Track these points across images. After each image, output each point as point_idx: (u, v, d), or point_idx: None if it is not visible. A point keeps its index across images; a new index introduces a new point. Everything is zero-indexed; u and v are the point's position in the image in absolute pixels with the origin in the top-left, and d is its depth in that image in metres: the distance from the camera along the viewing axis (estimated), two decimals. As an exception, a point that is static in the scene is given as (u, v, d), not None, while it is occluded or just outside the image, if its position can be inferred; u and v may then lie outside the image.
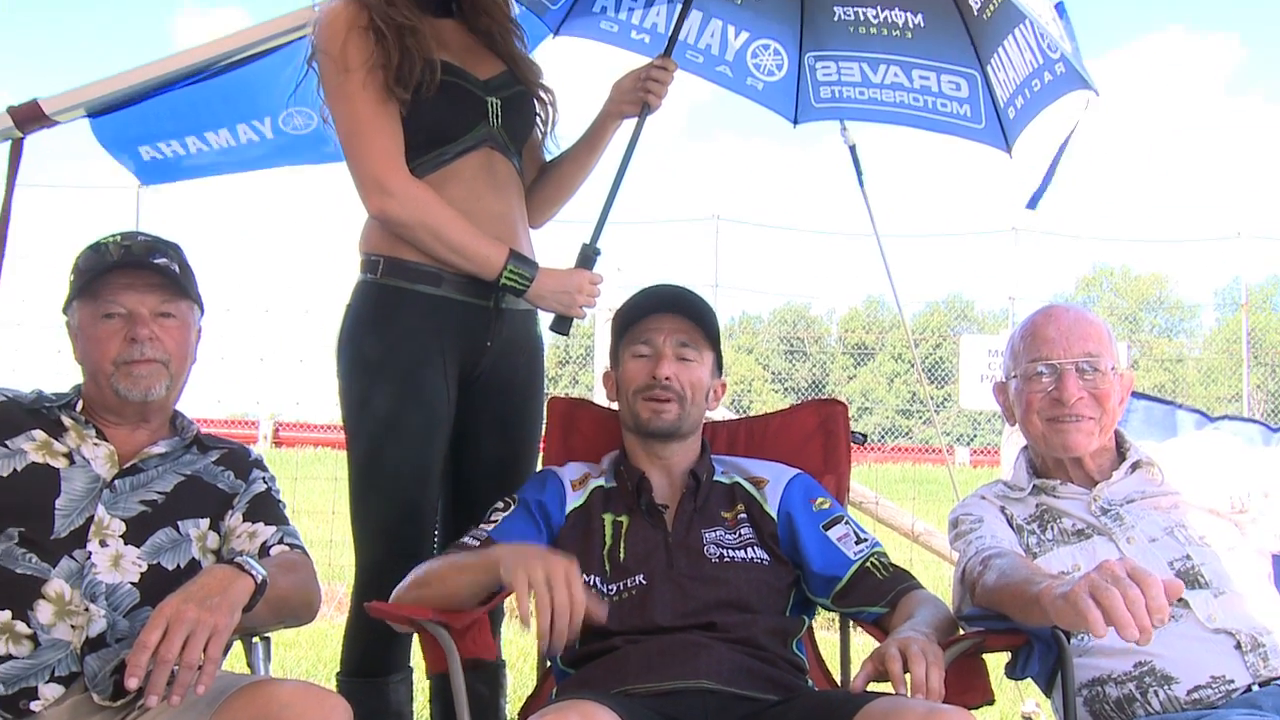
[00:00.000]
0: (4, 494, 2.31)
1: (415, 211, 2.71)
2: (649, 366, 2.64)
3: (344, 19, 2.72)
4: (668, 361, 2.63)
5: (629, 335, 2.70)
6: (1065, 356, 2.62)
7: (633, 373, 2.66)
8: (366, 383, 2.78)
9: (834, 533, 2.61)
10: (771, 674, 2.40)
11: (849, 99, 3.71)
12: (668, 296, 2.72)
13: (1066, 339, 2.64)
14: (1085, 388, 2.61)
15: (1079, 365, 2.62)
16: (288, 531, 2.49)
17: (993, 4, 3.23)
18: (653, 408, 2.62)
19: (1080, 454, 2.64)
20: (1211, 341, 32.60)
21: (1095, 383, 2.61)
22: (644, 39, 3.65)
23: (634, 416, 2.66)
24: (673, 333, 2.67)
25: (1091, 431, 2.62)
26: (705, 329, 2.70)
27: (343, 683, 2.81)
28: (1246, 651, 2.35)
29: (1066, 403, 2.61)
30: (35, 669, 2.20)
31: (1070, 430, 2.62)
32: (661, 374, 2.62)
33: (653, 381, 2.62)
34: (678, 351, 2.66)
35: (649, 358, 2.66)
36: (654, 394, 2.62)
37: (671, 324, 2.68)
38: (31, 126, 3.15)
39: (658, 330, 2.67)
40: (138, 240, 2.49)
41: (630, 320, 2.71)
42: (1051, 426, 2.64)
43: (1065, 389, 2.61)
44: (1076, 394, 2.60)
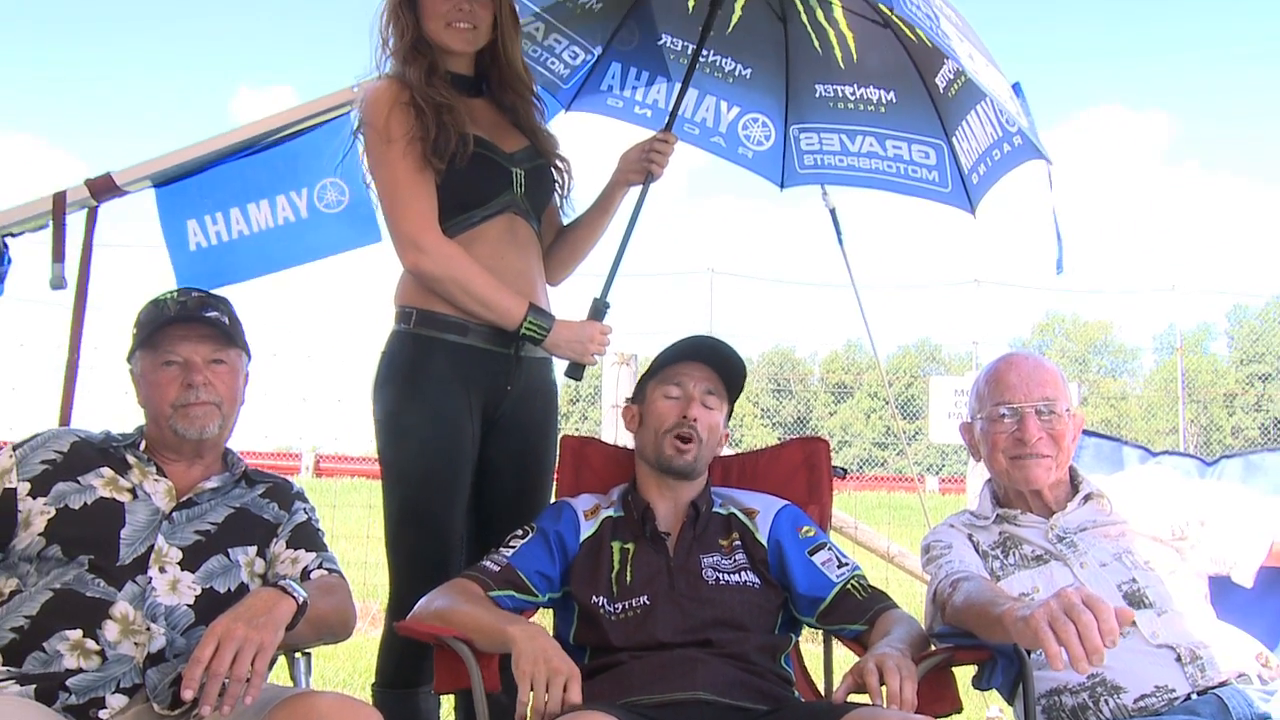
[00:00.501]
0: (76, 525, 2.32)
1: (445, 267, 2.73)
2: (679, 407, 2.66)
3: (388, 95, 2.76)
4: (696, 404, 2.66)
5: (661, 375, 2.72)
6: (1025, 401, 2.64)
7: (663, 411, 2.68)
8: (400, 423, 2.79)
9: (818, 558, 2.62)
10: (762, 686, 2.40)
11: (829, 166, 3.71)
12: (704, 348, 2.74)
13: (1026, 385, 2.65)
14: (1043, 428, 2.63)
15: (1038, 408, 2.63)
16: (326, 557, 2.50)
17: (957, 83, 3.26)
18: (678, 446, 2.64)
19: (1040, 487, 2.65)
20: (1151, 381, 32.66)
21: (1052, 424, 2.63)
22: (646, 113, 3.68)
23: (658, 452, 2.67)
24: (702, 380, 2.70)
25: (1050, 467, 2.64)
26: (729, 383, 2.74)
27: (377, 693, 2.80)
28: (1186, 664, 2.36)
29: (1028, 442, 2.62)
30: (103, 681, 2.20)
31: (1031, 466, 2.63)
32: (690, 415, 2.64)
33: (682, 421, 2.64)
34: (704, 398, 2.68)
35: (679, 400, 2.68)
36: (681, 433, 2.64)
37: (702, 372, 2.71)
38: (105, 196, 3.16)
39: (689, 376, 2.70)
40: (192, 296, 2.54)
41: (665, 362, 2.74)
42: (1014, 463, 2.65)
43: (1026, 430, 2.63)
44: (1036, 434, 2.62)
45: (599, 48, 3.60)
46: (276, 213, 3.38)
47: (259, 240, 3.37)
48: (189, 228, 3.32)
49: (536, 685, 2.14)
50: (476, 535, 2.87)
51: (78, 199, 3.15)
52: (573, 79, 3.63)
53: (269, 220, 3.37)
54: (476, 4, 2.83)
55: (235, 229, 3.35)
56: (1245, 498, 2.71)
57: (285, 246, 3.40)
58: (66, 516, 2.33)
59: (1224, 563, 2.61)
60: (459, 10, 2.81)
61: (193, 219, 3.32)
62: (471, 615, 2.38)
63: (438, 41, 2.84)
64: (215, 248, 3.34)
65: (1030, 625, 1.99)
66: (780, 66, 3.60)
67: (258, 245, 3.37)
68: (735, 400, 2.79)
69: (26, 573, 2.30)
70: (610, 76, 3.66)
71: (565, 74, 3.61)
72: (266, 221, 3.37)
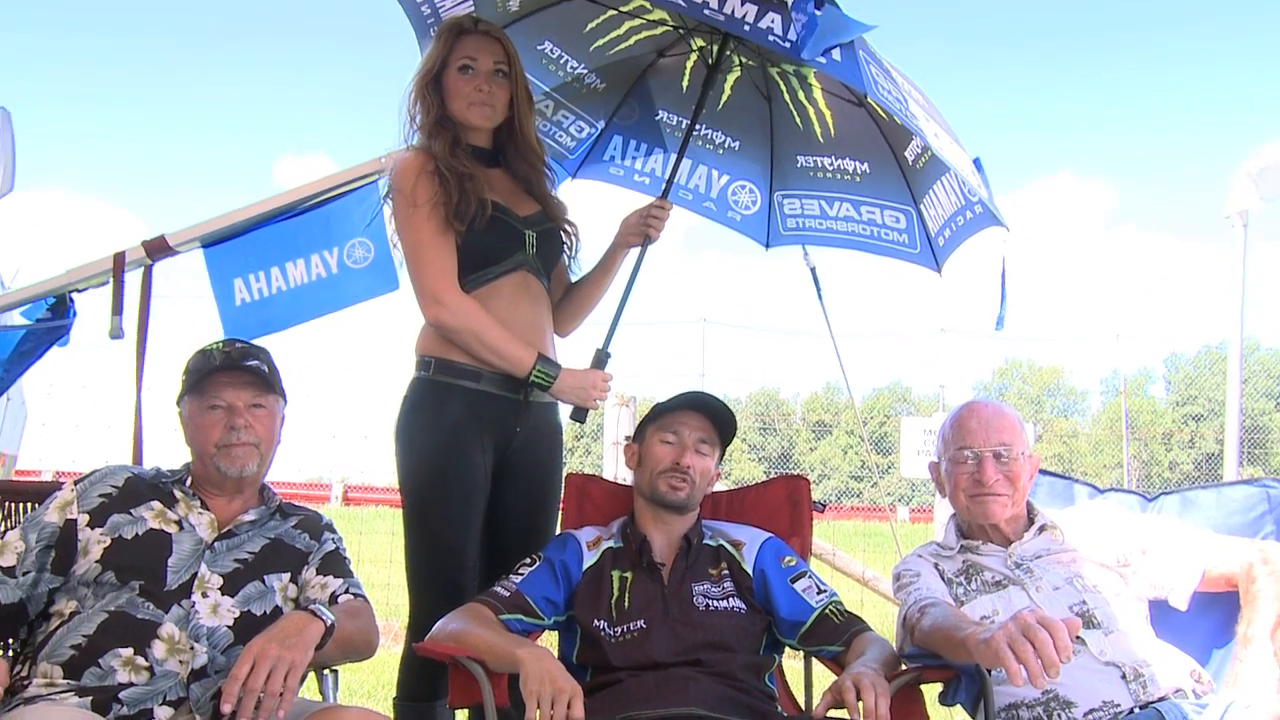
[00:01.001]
0: (128, 554, 2.33)
1: (463, 320, 2.74)
2: (674, 453, 2.68)
3: (416, 165, 2.79)
4: (689, 453, 2.68)
5: (660, 422, 2.74)
6: (984, 445, 2.66)
7: (660, 454, 2.70)
8: (419, 461, 2.79)
9: (799, 585, 2.63)
10: (748, 702, 2.40)
11: (810, 228, 3.72)
12: (700, 402, 2.76)
13: (985, 430, 2.67)
14: (1000, 470, 2.64)
15: (996, 452, 2.65)
16: (352, 583, 2.49)
17: (924, 157, 3.30)
18: (671, 484, 2.66)
19: (996, 522, 2.66)
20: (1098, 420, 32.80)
21: (1009, 466, 2.65)
22: (644, 180, 3.71)
23: (653, 489, 2.69)
24: (696, 429, 2.71)
25: (1005, 504, 2.65)
26: (721, 433, 2.76)
27: (398, 705, 2.79)
28: (1130, 681, 2.36)
29: (985, 483, 2.64)
30: (152, 694, 2.21)
31: (989, 503, 2.65)
32: (684, 463, 2.66)
33: (675, 467, 2.66)
34: (697, 446, 2.70)
35: (674, 445, 2.69)
36: (673, 476, 2.66)
37: (696, 422, 2.72)
38: (159, 255, 3.20)
39: (685, 425, 2.72)
40: (235, 347, 2.54)
41: (664, 410, 2.75)
42: (973, 500, 2.67)
43: (984, 472, 2.64)
44: (994, 476, 2.64)
45: (602, 122, 3.65)
46: (311, 269, 3.42)
47: (295, 294, 3.41)
48: (235, 285, 3.36)
49: (543, 703, 2.15)
50: (489, 562, 2.85)
51: (135, 258, 3.19)
52: (578, 150, 3.66)
53: (304, 276, 3.41)
54: (495, 86, 2.86)
55: (275, 285, 3.38)
56: (1181, 530, 2.71)
57: (318, 298, 3.45)
58: (120, 545, 2.34)
59: (1162, 588, 2.61)
60: (479, 92, 2.84)
61: (239, 277, 3.36)
62: (484, 638, 2.39)
63: (460, 119, 2.87)
64: (258, 302, 3.38)
65: (991, 647, 2.01)
66: (765, 139, 3.63)
67: (294, 298, 3.41)
68: (727, 446, 2.80)
69: (84, 596, 2.30)
70: (612, 148, 3.70)
71: (572, 146, 3.64)
72: (302, 277, 3.41)
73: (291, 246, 3.38)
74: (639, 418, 2.91)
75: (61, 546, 2.35)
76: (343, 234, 3.41)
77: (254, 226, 3.32)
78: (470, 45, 2.86)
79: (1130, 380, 31.54)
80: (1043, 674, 1.94)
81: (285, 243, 3.37)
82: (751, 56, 3.40)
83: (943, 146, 2.74)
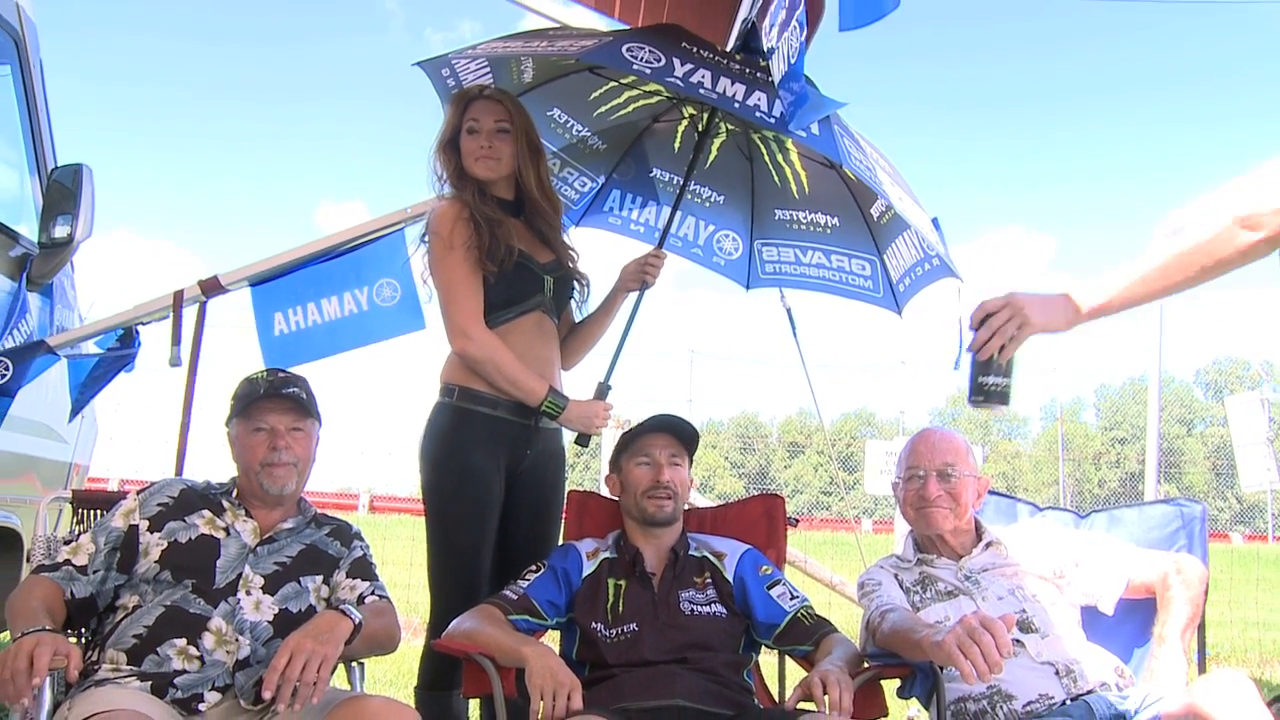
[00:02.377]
0: (182, 556, 2.36)
1: (487, 352, 2.76)
2: (652, 473, 2.67)
3: (453, 212, 2.81)
4: (666, 469, 2.67)
5: (632, 449, 2.73)
6: (930, 465, 2.69)
7: (639, 477, 2.68)
8: (442, 477, 2.80)
9: (774, 591, 2.64)
10: (728, 695, 2.41)
11: (786, 273, 3.74)
12: (662, 423, 2.76)
13: (931, 453, 2.71)
14: (943, 487, 2.67)
15: (940, 471, 2.68)
16: (378, 586, 2.50)
17: (888, 214, 3.33)
18: (657, 504, 2.65)
19: (940, 531, 2.68)
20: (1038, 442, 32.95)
21: (951, 483, 2.68)
22: (639, 229, 3.73)
23: (640, 510, 2.67)
24: (665, 447, 2.71)
25: (947, 515, 2.67)
26: (684, 445, 2.75)
27: (418, 694, 2.80)
28: (1063, 677, 2.40)
29: (928, 498, 2.67)
30: (202, 681, 2.23)
31: (931, 514, 2.68)
32: (664, 479, 2.66)
33: (656, 484, 2.66)
34: (670, 460, 2.69)
35: (650, 466, 2.68)
36: (657, 493, 2.65)
37: (664, 441, 2.72)
38: (212, 293, 3.23)
39: (654, 446, 2.71)
40: (277, 376, 2.57)
41: (634, 437, 2.75)
42: (919, 513, 2.70)
43: (928, 487, 2.67)
44: (936, 492, 2.67)
45: (602, 178, 3.67)
46: (343, 306, 3.42)
47: (329, 328, 3.41)
48: (275, 318, 3.37)
49: (545, 694, 2.18)
50: (499, 567, 2.85)
51: (192, 295, 3.22)
52: (581, 202, 3.68)
53: (337, 312, 3.41)
54: (497, 142, 2.87)
55: (310, 319, 3.39)
56: (1109, 545, 2.75)
57: (349, 332, 3.45)
58: (175, 548, 2.37)
59: (1093, 596, 2.65)
60: (483, 148, 2.86)
61: (279, 311, 3.37)
62: (493, 636, 2.41)
63: (470, 173, 2.89)
64: (295, 334, 3.38)
65: (943, 648, 2.05)
66: (747, 194, 3.65)
67: (328, 332, 3.41)
68: (694, 454, 2.79)
69: (145, 591, 2.33)
70: (611, 200, 3.71)
71: (575, 198, 3.66)
72: (335, 313, 3.41)
73: (327, 285, 3.39)
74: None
75: (125, 548, 2.39)
76: (373, 275, 3.42)
77: (295, 268, 3.35)
78: (476, 109, 2.90)
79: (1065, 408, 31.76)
80: (988, 671, 1.98)
81: (321, 282, 3.39)
82: (736, 123, 3.42)
83: (905, 208, 2.78)
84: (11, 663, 1.99)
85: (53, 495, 2.78)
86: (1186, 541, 2.78)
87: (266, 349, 3.35)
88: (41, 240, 3.75)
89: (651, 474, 2.68)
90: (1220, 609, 2.50)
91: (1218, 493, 28.24)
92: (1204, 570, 2.63)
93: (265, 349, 3.35)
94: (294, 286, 3.37)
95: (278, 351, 3.35)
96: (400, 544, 6.68)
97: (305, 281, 3.38)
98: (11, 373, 3.00)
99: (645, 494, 2.67)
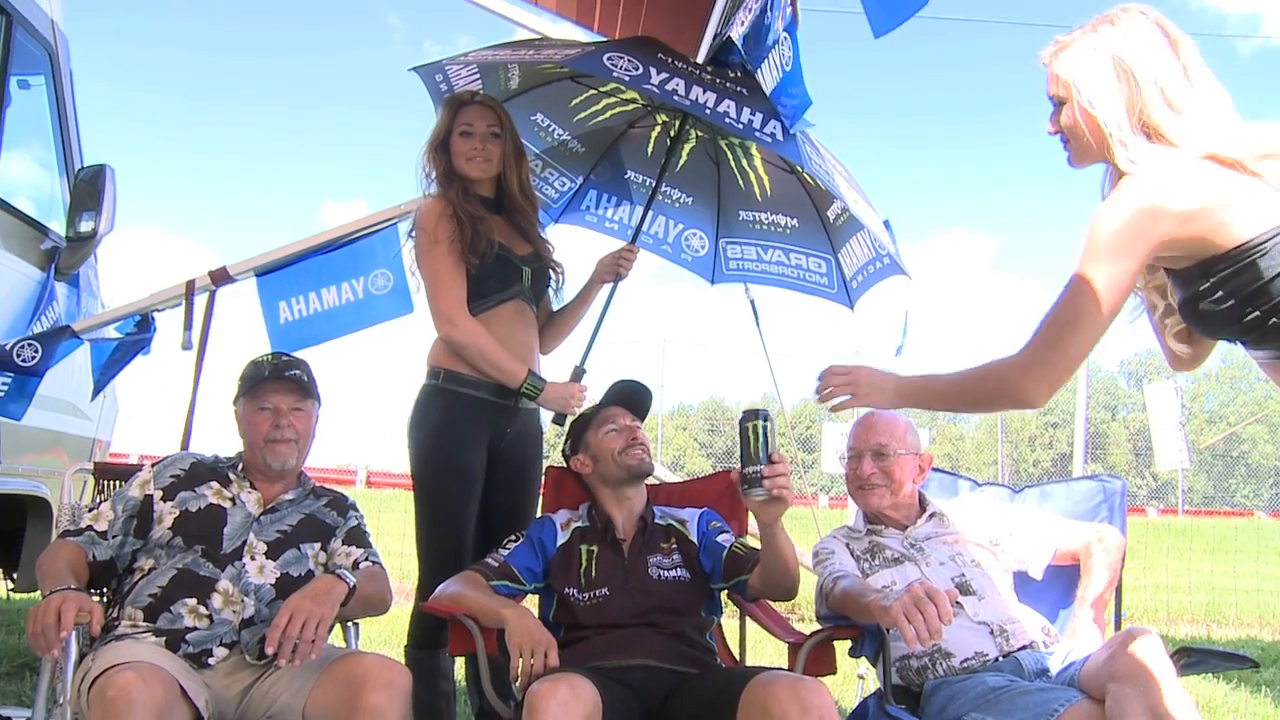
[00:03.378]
0: (193, 523, 2.37)
1: (470, 338, 2.76)
2: (623, 435, 2.67)
3: (437, 209, 2.81)
4: (633, 429, 2.69)
5: (596, 422, 2.73)
6: (865, 446, 2.71)
7: (611, 443, 2.67)
8: (428, 453, 2.80)
9: (719, 537, 2.63)
10: (692, 655, 2.43)
11: (748, 269, 3.75)
12: (618, 397, 2.81)
13: (866, 435, 2.72)
14: (876, 465, 2.68)
15: (874, 450, 2.69)
16: (372, 553, 2.51)
17: (843, 216, 3.34)
18: (637, 456, 2.65)
19: (873, 508, 2.70)
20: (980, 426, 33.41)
21: (885, 462, 2.68)
22: (614, 227, 3.72)
23: (623, 467, 2.65)
24: (624, 414, 2.73)
25: (883, 494, 2.69)
26: (640, 409, 2.80)
27: (408, 652, 2.80)
28: (996, 636, 2.44)
29: (863, 476, 2.69)
30: (211, 637, 2.25)
31: (867, 495, 2.70)
32: (637, 436, 2.67)
33: (631, 442, 2.66)
34: (632, 423, 2.71)
35: (618, 430, 2.68)
36: (633, 448, 2.65)
37: (613, 411, 2.75)
38: (221, 282, 3.23)
39: (618, 415, 2.73)
40: (281, 359, 2.58)
41: (595, 411, 2.78)
42: (858, 491, 2.72)
43: (861, 467, 2.69)
44: (869, 470, 2.68)
45: (580, 178, 3.66)
46: (341, 294, 3.43)
47: (329, 314, 3.43)
48: (280, 306, 3.38)
49: (524, 652, 2.20)
50: (482, 537, 2.85)
51: (202, 284, 3.22)
52: (560, 200, 3.68)
53: (336, 300, 3.43)
54: (489, 143, 2.88)
55: (312, 307, 3.40)
56: (1039, 517, 2.79)
57: (347, 318, 3.46)
58: (186, 516, 2.38)
59: (1024, 562, 2.69)
60: (475, 150, 2.87)
61: (283, 300, 3.38)
62: (476, 600, 2.42)
63: (461, 173, 2.88)
64: (298, 320, 3.39)
65: (891, 614, 2.05)
66: (713, 196, 3.66)
67: (328, 318, 3.43)
68: (644, 417, 2.82)
69: (159, 555, 2.35)
70: (588, 199, 3.71)
71: (555, 197, 3.66)
72: (334, 301, 3.42)
73: (326, 275, 3.40)
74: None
75: (141, 516, 2.40)
76: (368, 265, 3.43)
77: (298, 259, 3.34)
78: (470, 114, 2.89)
79: (1005, 394, 32.10)
80: (929, 637, 2.00)
81: (322, 273, 3.40)
82: (705, 129, 3.43)
83: (859, 210, 2.80)
84: (42, 618, 2.04)
85: (77, 467, 2.79)
86: (1108, 514, 2.82)
87: (273, 334, 3.35)
88: (68, 234, 3.83)
89: (623, 436, 2.68)
90: (1135, 575, 2.56)
91: (1137, 471, 28.73)
92: (1122, 540, 2.68)
93: (272, 334, 3.35)
94: (297, 277, 3.37)
95: (283, 337, 3.35)
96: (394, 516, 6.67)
97: (307, 272, 3.39)
98: (41, 354, 3.02)
99: (622, 452, 2.66)
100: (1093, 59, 1.82)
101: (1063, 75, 1.87)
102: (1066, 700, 2.06)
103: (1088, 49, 1.84)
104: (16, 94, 3.82)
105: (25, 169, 4.06)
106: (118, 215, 3.83)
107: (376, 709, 2.06)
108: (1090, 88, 1.82)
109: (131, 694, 1.91)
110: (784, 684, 2.02)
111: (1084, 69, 1.84)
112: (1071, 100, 1.86)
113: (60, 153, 4.14)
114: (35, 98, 4.03)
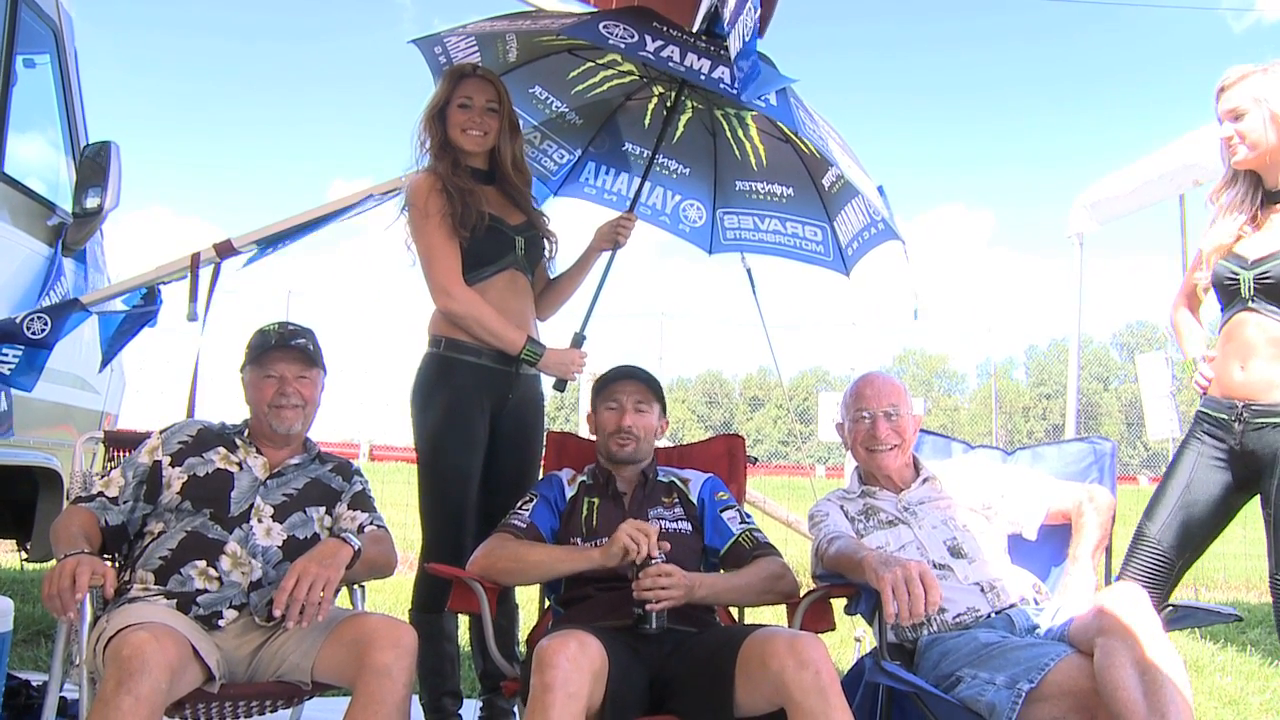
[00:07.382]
0: (201, 487, 2.38)
1: (467, 308, 2.76)
2: (616, 417, 2.68)
3: (427, 184, 2.80)
4: (629, 414, 2.68)
5: (603, 394, 2.74)
6: (877, 407, 2.72)
7: (606, 420, 2.70)
8: (430, 422, 2.80)
9: (725, 515, 2.65)
10: (692, 613, 2.42)
11: (745, 239, 3.72)
12: (628, 372, 2.77)
13: (878, 395, 2.73)
14: (890, 427, 2.70)
15: (886, 412, 2.71)
16: (376, 517, 2.53)
17: (837, 184, 3.32)
18: (619, 443, 2.66)
19: (890, 471, 2.72)
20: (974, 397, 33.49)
21: (897, 422, 2.71)
22: (612, 198, 3.68)
23: (607, 450, 2.70)
24: (632, 393, 2.72)
25: (896, 454, 2.71)
26: (653, 391, 2.76)
27: (412, 615, 2.81)
28: (988, 593, 2.46)
29: (879, 438, 2.70)
30: (221, 599, 2.27)
31: (882, 456, 2.71)
32: (625, 424, 2.67)
33: (619, 428, 2.67)
34: (635, 406, 2.70)
35: (616, 410, 2.70)
36: (620, 437, 2.66)
37: (631, 387, 2.73)
38: (226, 254, 3.21)
39: (622, 392, 2.72)
40: (287, 329, 2.58)
41: (604, 384, 2.77)
42: (870, 454, 2.72)
43: (878, 429, 2.70)
44: (885, 431, 2.70)
45: (579, 150, 3.63)
46: None
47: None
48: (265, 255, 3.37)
49: (630, 550, 2.28)
50: (484, 502, 2.86)
51: (208, 257, 3.20)
52: (559, 172, 3.65)
53: None
54: (487, 118, 2.87)
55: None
56: (1032, 478, 2.80)
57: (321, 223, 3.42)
58: (195, 481, 2.39)
59: (1018, 524, 2.70)
60: (473, 122, 2.86)
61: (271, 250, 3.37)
62: (546, 551, 2.49)
63: (457, 144, 2.87)
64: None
65: (882, 582, 2.11)
66: (710, 167, 3.64)
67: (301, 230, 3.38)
68: (663, 402, 2.79)
69: (169, 519, 2.36)
70: (587, 172, 3.68)
71: (554, 169, 3.63)
72: None
73: None
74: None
75: (150, 481, 2.42)
76: None
77: (299, 231, 3.32)
78: (469, 87, 2.88)
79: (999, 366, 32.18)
80: (908, 619, 2.08)
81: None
82: (701, 100, 3.41)
83: (854, 175, 2.78)
84: (57, 581, 2.06)
85: (87, 436, 2.82)
86: (1098, 475, 2.83)
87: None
88: (75, 210, 3.83)
89: (616, 418, 2.69)
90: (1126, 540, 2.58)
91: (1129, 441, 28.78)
92: (1113, 499, 2.70)
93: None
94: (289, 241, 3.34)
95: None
96: (397, 488, 6.69)
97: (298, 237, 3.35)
98: (50, 327, 3.02)
99: (610, 435, 2.69)
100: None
101: (1253, 92, 2.56)
102: (1056, 655, 2.08)
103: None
104: (22, 72, 3.79)
105: (32, 146, 4.04)
106: (129, 196, 3.85)
107: (384, 668, 2.08)
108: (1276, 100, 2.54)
109: (146, 653, 1.92)
110: (781, 639, 2.03)
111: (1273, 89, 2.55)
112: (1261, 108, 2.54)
113: (66, 130, 4.13)
114: (41, 76, 4.00)
